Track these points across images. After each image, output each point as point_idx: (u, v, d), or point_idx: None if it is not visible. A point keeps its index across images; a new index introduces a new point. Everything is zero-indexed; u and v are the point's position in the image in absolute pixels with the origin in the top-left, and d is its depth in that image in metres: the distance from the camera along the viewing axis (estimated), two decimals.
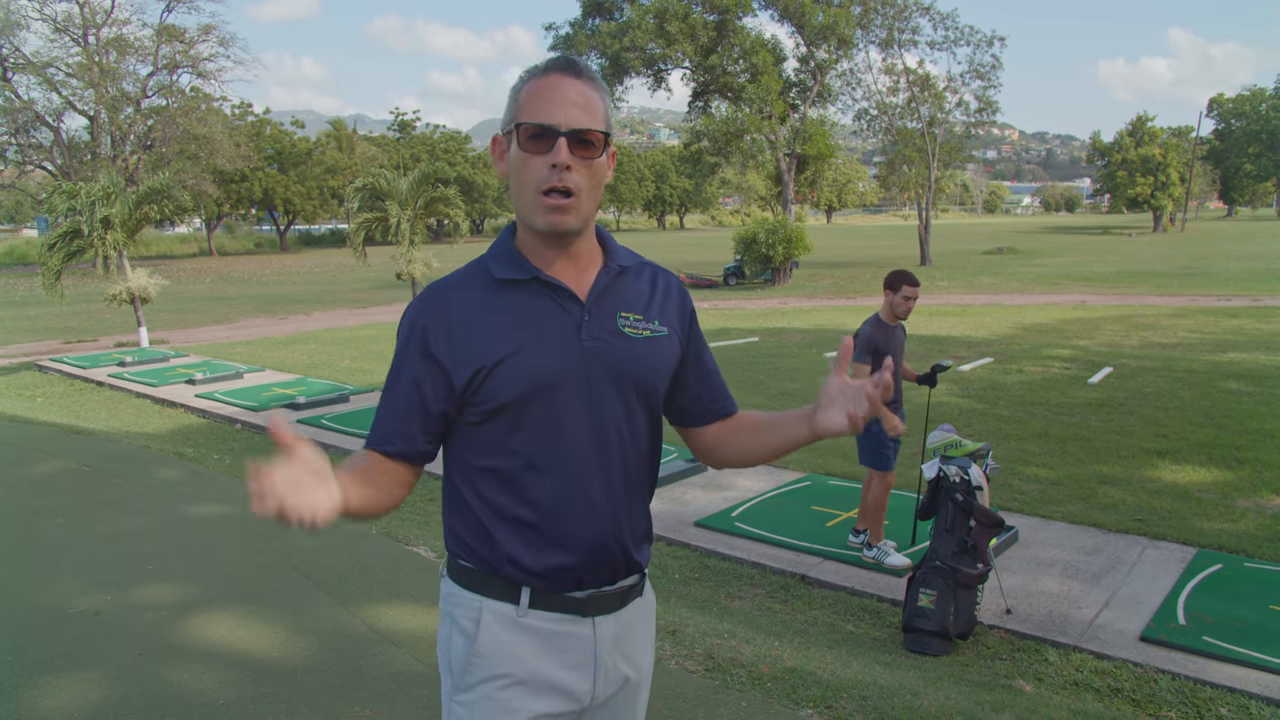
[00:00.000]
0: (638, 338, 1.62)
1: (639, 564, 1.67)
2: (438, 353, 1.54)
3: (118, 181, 15.51)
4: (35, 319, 22.39)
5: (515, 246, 1.60)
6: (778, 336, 16.15)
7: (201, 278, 37.94)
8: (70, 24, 43.66)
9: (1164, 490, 6.80)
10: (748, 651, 3.93)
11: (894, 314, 5.46)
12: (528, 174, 1.51)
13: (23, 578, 4.67)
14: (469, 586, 1.60)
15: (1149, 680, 4.15)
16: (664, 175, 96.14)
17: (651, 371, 1.64)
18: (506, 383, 1.51)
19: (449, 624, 1.62)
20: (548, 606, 1.58)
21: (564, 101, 1.49)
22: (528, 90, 1.52)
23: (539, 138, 1.49)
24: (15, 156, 45.03)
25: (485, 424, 1.55)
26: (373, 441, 1.59)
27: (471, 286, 1.58)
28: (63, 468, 7.10)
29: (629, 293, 1.65)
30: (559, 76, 1.51)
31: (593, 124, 1.50)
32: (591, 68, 1.57)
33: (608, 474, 1.59)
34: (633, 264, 1.68)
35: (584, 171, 1.51)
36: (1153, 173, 62.29)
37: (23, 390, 12.48)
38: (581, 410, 1.56)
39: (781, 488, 7.09)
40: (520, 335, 1.53)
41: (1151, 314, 18.04)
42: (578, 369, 1.55)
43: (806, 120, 33.91)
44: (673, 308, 1.71)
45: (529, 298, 1.56)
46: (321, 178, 60.53)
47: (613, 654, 1.63)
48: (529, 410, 1.53)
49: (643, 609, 1.71)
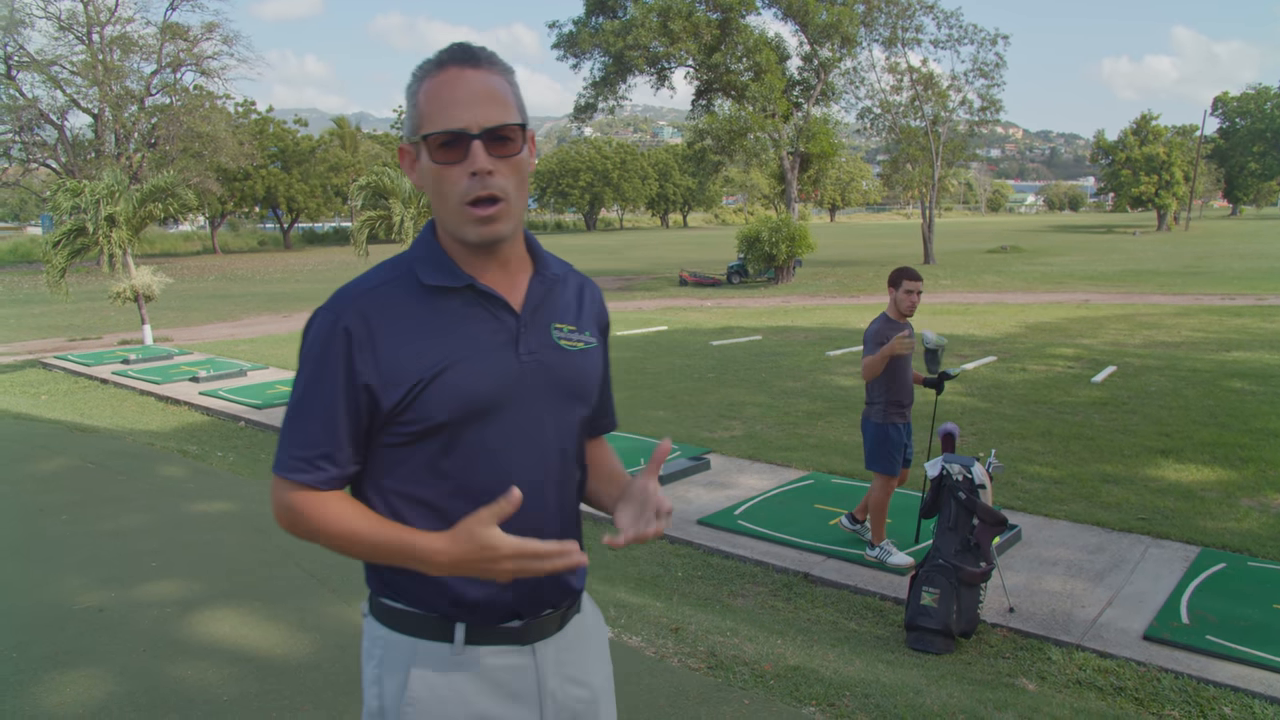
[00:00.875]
0: (573, 350, 1.52)
1: (577, 587, 1.57)
2: (363, 367, 1.38)
3: (122, 179, 15.53)
4: (40, 316, 22.44)
5: (441, 248, 1.46)
6: (781, 335, 16.14)
7: (205, 276, 38.00)
8: (74, 22, 43.72)
9: (1167, 489, 6.80)
10: (750, 649, 3.93)
11: (900, 310, 5.50)
12: (446, 187, 1.37)
13: (27, 574, 4.68)
14: (397, 627, 1.46)
15: (1152, 679, 4.14)
16: (667, 174, 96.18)
17: (588, 385, 1.55)
18: (440, 402, 1.38)
19: (375, 668, 1.48)
20: (484, 640, 1.46)
21: (470, 98, 1.35)
22: (426, 91, 1.37)
23: (451, 145, 1.35)
24: (20, 154, 45.08)
25: (411, 446, 1.41)
26: (299, 470, 1.41)
27: (395, 292, 1.42)
28: (67, 465, 7.12)
29: (560, 303, 1.54)
30: (457, 70, 1.36)
31: (506, 117, 1.36)
32: (490, 50, 1.41)
33: (546, 497, 1.48)
34: (562, 272, 1.56)
35: (507, 171, 1.38)
36: (1157, 171, 62.19)
37: (27, 388, 12.51)
38: (518, 430, 1.44)
39: (784, 486, 7.09)
40: (454, 350, 1.40)
41: (1155, 313, 18.03)
42: (515, 386, 1.43)
43: (810, 119, 33.93)
44: (594, 318, 1.60)
45: (461, 307, 1.42)
46: (325, 176, 60.59)
47: (558, 678, 1.53)
48: (462, 431, 1.40)
49: (582, 625, 1.61)
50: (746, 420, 9.39)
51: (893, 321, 5.49)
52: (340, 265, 42.63)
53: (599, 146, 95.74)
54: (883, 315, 5.55)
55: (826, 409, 9.76)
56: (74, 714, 3.20)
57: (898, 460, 5.52)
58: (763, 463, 7.82)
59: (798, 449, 8.16)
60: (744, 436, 8.70)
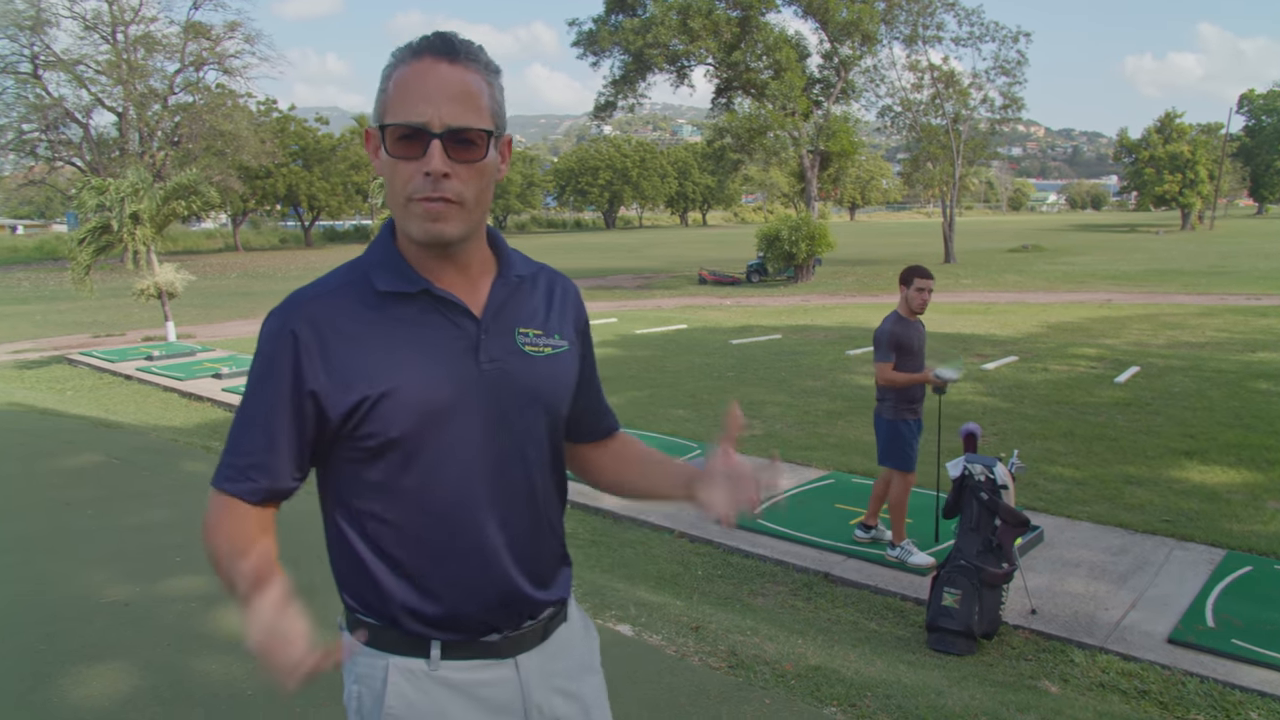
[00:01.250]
0: (539, 356, 1.43)
1: (556, 598, 1.51)
2: (311, 376, 1.32)
3: (146, 177, 15.68)
4: (65, 313, 22.67)
5: (398, 251, 1.38)
6: (801, 334, 16.10)
7: (227, 273, 38.29)
8: (99, 21, 44.17)
9: (1192, 491, 6.74)
10: (771, 649, 3.93)
11: (910, 308, 5.52)
12: (399, 182, 1.29)
13: (55, 568, 4.74)
14: (370, 643, 1.41)
15: (1177, 683, 4.11)
16: (686, 172, 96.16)
17: (556, 393, 1.46)
18: (394, 416, 1.31)
19: (353, 683, 1.43)
20: (461, 655, 1.41)
21: (438, 94, 1.26)
22: (397, 78, 1.28)
23: (409, 140, 1.27)
24: (45, 153, 45.60)
25: (369, 461, 1.35)
26: (228, 479, 1.36)
27: (348, 297, 1.36)
28: (92, 460, 7.19)
29: (527, 305, 1.45)
30: (432, 61, 1.27)
31: (473, 120, 1.27)
32: (474, 45, 1.32)
33: (511, 510, 1.41)
34: (529, 272, 1.47)
35: (466, 176, 1.28)
36: (1181, 170, 61.56)
37: (53, 383, 12.65)
38: (480, 442, 1.37)
39: (804, 485, 7.07)
40: (410, 359, 1.33)
41: (1179, 313, 17.86)
42: (475, 396, 1.36)
43: (830, 117, 33.78)
44: (570, 317, 1.52)
45: (418, 314, 1.35)
46: (346, 174, 60.89)
47: (543, 690, 1.47)
48: (420, 446, 1.34)
49: (570, 633, 1.55)
50: (766, 419, 9.38)
51: (904, 320, 5.49)
52: None
53: (618, 145, 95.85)
54: (894, 313, 5.55)
55: (846, 408, 9.73)
56: (101, 707, 3.23)
57: (913, 456, 5.52)
58: (783, 462, 7.79)
59: (818, 448, 8.13)
60: (764, 435, 8.68)
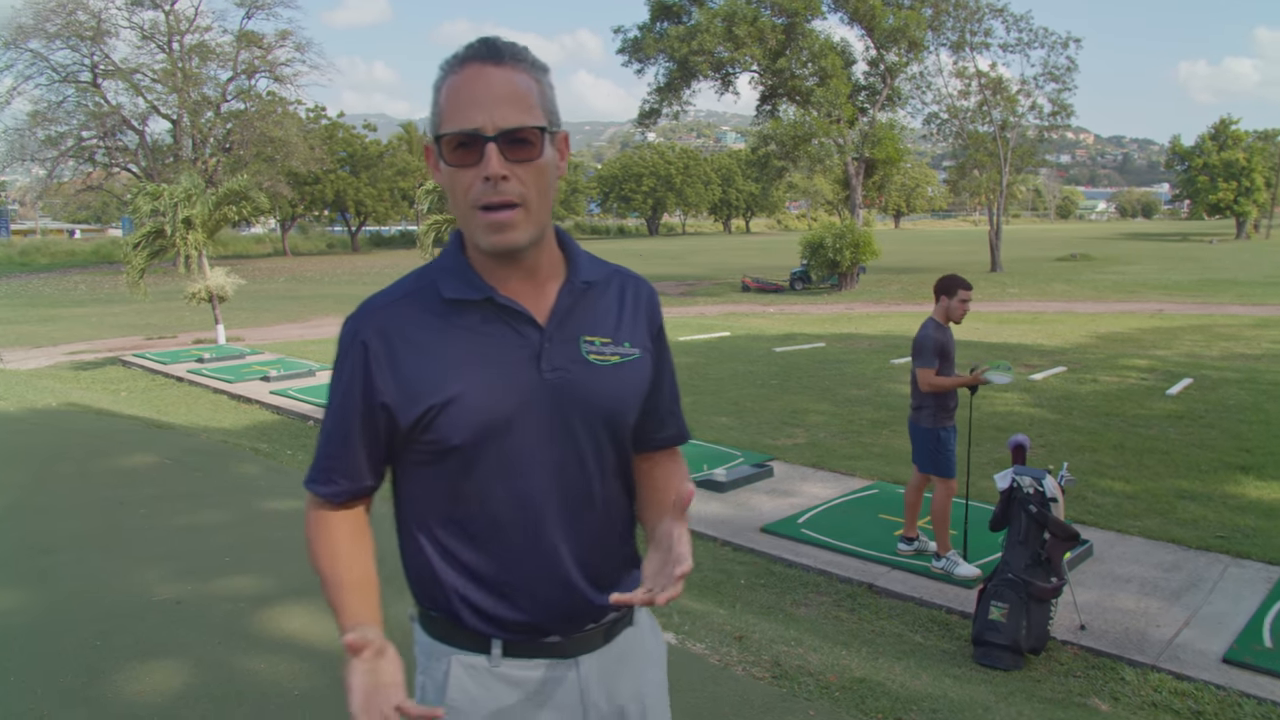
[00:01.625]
0: (604, 365, 1.41)
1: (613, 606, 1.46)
2: (381, 386, 1.36)
3: (198, 183, 15.99)
4: (119, 315, 23.18)
5: (466, 259, 1.39)
6: (845, 342, 15.99)
7: (275, 277, 38.90)
8: (156, 31, 45.17)
9: (1248, 507, 6.58)
10: (815, 660, 3.90)
11: (951, 317, 5.50)
12: (460, 190, 1.30)
13: (109, 566, 4.84)
14: (438, 637, 1.45)
15: (1232, 704, 4.01)
16: (730, 179, 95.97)
17: (620, 403, 1.44)
18: (455, 425, 1.33)
19: (421, 675, 1.48)
20: (523, 654, 1.43)
21: (488, 98, 1.26)
22: (447, 89, 1.30)
23: (465, 147, 1.27)
24: (103, 159, 46.67)
25: (434, 466, 1.38)
26: (315, 480, 1.43)
27: (415, 305, 1.38)
28: (145, 461, 7.34)
29: (595, 311, 1.44)
30: (478, 67, 1.28)
31: (525, 119, 1.28)
32: (518, 46, 1.33)
33: (571, 516, 1.42)
34: (599, 276, 1.46)
35: (525, 176, 1.29)
36: (1236, 177, 60.32)
37: (108, 384, 12.94)
38: (542, 451, 1.38)
39: (849, 495, 7.02)
40: (472, 369, 1.34)
41: (1234, 324, 17.47)
42: (537, 405, 1.36)
43: (875, 124, 33.60)
44: (643, 322, 1.49)
45: (481, 322, 1.36)
46: (392, 180, 61.62)
47: (603, 691, 1.48)
48: (481, 452, 1.36)
49: (636, 637, 1.54)
50: (810, 428, 9.32)
51: (943, 327, 5.48)
52: (406, 268, 42.66)
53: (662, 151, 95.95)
54: (932, 321, 5.51)
55: (891, 418, 9.64)
56: (154, 703, 3.30)
57: (954, 462, 5.49)
58: (826, 471, 7.75)
59: (862, 458, 8.07)
60: (807, 444, 8.63)
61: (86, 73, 44.02)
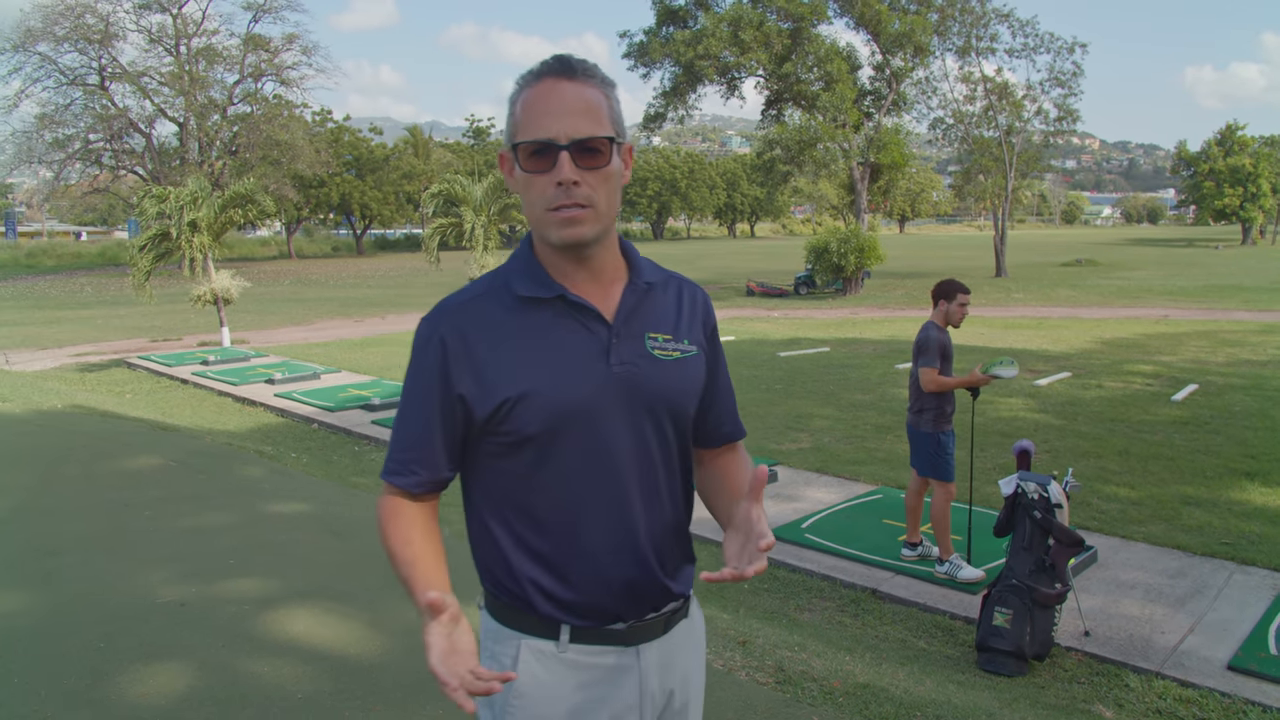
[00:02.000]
0: (668, 360, 1.52)
1: (678, 593, 1.59)
2: (459, 378, 1.44)
3: (204, 186, 16.02)
4: (125, 318, 23.24)
5: (537, 260, 1.50)
6: (849, 347, 15.98)
7: (280, 280, 38.97)
8: (164, 34, 45.33)
9: (1253, 513, 6.56)
10: (819, 665, 3.90)
11: (950, 321, 5.57)
12: (534, 195, 1.41)
13: (113, 568, 4.85)
14: (507, 623, 1.52)
15: (1238, 712, 4.00)
16: (735, 183, 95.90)
17: (683, 395, 1.55)
18: (531, 416, 1.42)
19: (488, 660, 1.54)
20: (589, 640, 1.50)
21: (562, 110, 1.38)
22: (523, 101, 1.41)
23: (540, 154, 1.39)
24: (110, 162, 46.83)
25: (508, 456, 1.47)
26: (394, 472, 1.50)
27: (490, 303, 1.48)
28: (149, 463, 7.35)
29: (657, 311, 1.55)
30: (553, 81, 1.40)
31: (596, 130, 1.39)
32: (589, 63, 1.44)
33: (638, 506, 1.50)
34: (659, 279, 1.58)
35: (594, 181, 1.40)
36: (1242, 183, 60.13)
37: (113, 386, 12.97)
38: (611, 440, 1.47)
39: (852, 500, 7.01)
40: (546, 362, 1.43)
41: (1239, 330, 17.42)
42: (607, 397, 1.45)
43: (881, 129, 33.59)
44: (698, 323, 1.61)
45: (554, 318, 1.46)
46: (398, 183, 61.69)
47: (658, 680, 1.56)
48: (556, 443, 1.44)
49: (689, 630, 1.64)
50: (814, 432, 9.31)
51: (943, 330, 5.54)
52: (411, 271, 43.37)
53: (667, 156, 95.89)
54: (932, 324, 5.56)
55: (895, 422, 9.63)
56: (158, 705, 3.30)
57: (954, 467, 5.55)
58: (830, 476, 7.75)
59: (866, 463, 8.06)
60: (811, 449, 8.63)
61: (94, 75, 44.19)
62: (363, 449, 9.11)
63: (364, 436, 9.54)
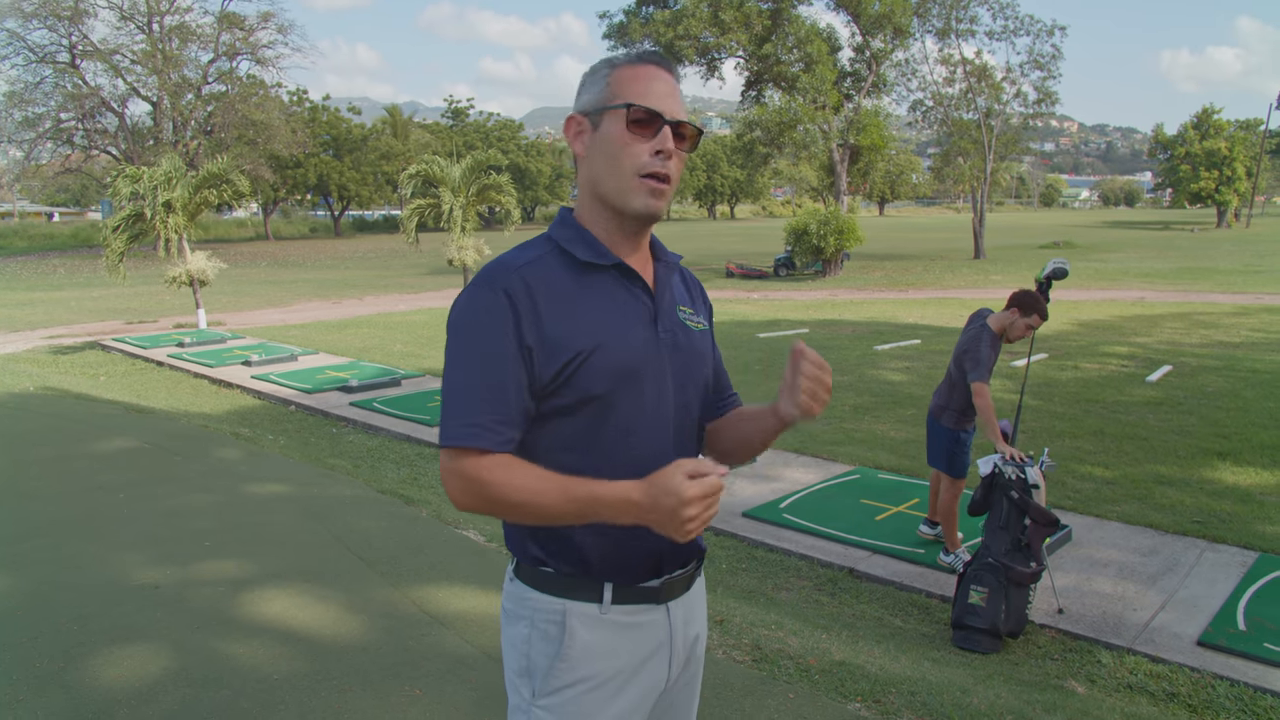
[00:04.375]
0: (696, 330, 1.66)
1: (696, 552, 1.70)
2: (528, 332, 1.45)
3: (179, 166, 15.83)
4: (99, 300, 22.97)
5: (587, 230, 1.57)
6: (828, 328, 16.03)
7: (257, 261, 38.63)
8: (136, 12, 44.66)
9: (1224, 492, 6.64)
10: (795, 643, 3.92)
11: (1008, 336, 5.25)
12: (629, 157, 1.49)
13: (87, 551, 4.81)
14: (548, 590, 1.55)
15: (1206, 686, 4.06)
16: (715, 165, 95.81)
17: (708, 363, 1.69)
18: (597, 374, 1.48)
19: (527, 628, 1.56)
20: (628, 600, 1.57)
21: (665, 93, 1.51)
22: (623, 75, 1.52)
23: (645, 122, 1.49)
24: (82, 141, 46.19)
25: (565, 417, 1.50)
26: (470, 436, 1.43)
27: (552, 266, 1.52)
28: (124, 445, 7.28)
29: (679, 288, 1.69)
30: (656, 69, 1.53)
31: (688, 118, 1.54)
32: (674, 64, 1.60)
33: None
34: (675, 260, 1.70)
35: (677, 162, 1.53)
36: (1218, 166, 60.53)
37: (87, 369, 12.82)
38: (660, 402, 1.56)
39: (830, 480, 7.04)
40: (610, 323, 1.51)
41: (1214, 312, 17.59)
42: (658, 361, 1.55)
43: (860, 111, 33.60)
44: (702, 303, 1.76)
45: (611, 284, 1.54)
46: (376, 164, 61.24)
47: (683, 633, 1.67)
48: (615, 402, 1.50)
49: (700, 585, 1.76)
50: None
51: (997, 342, 5.23)
52: (390, 252, 43.11)
53: None
54: (991, 333, 5.21)
55: (874, 403, 9.68)
56: (131, 687, 3.28)
57: (968, 464, 5.46)
58: (809, 456, 7.78)
59: (844, 443, 8.10)
60: (789, 431, 8.64)
61: (64, 53, 43.54)
62: (340, 431, 9.06)
63: (342, 418, 9.49)
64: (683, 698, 1.74)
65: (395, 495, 6.12)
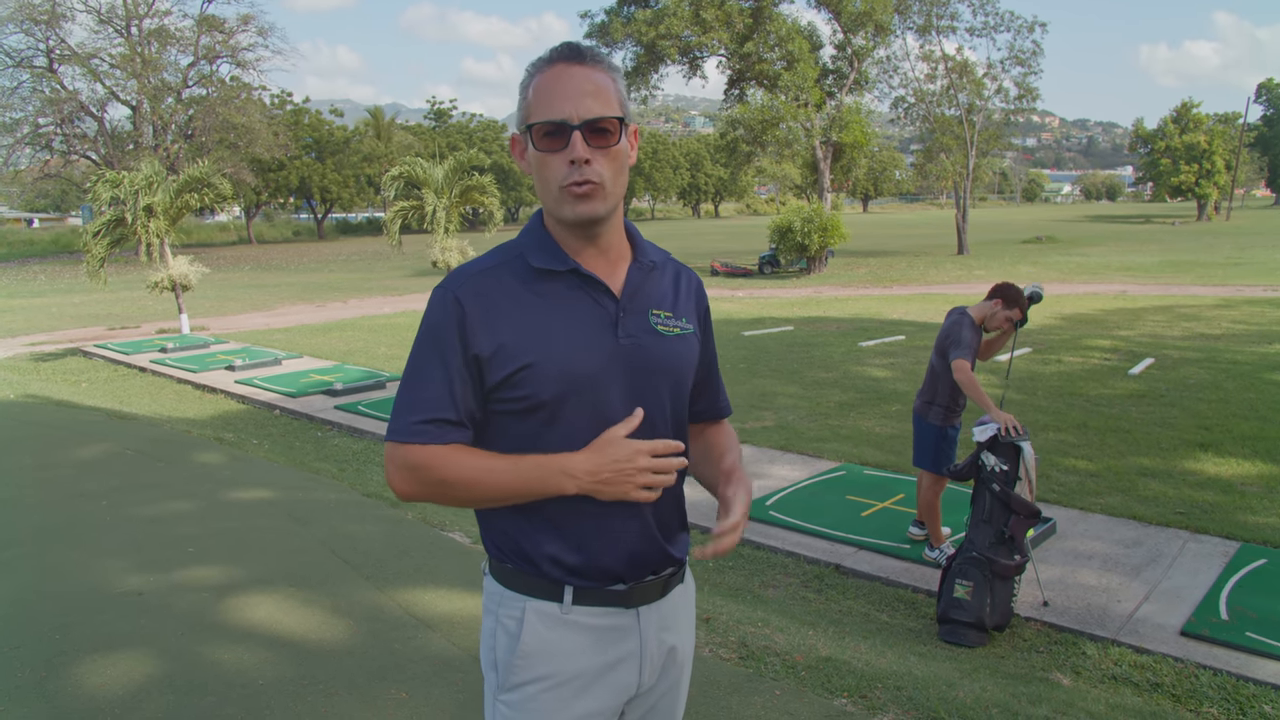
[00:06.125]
0: (670, 335, 1.61)
1: (677, 557, 1.67)
2: (474, 341, 1.48)
3: (160, 170, 15.72)
4: (80, 305, 22.80)
5: (549, 235, 1.56)
6: (813, 326, 16.06)
7: (240, 265, 38.42)
8: (114, 15, 44.36)
9: (1207, 483, 6.69)
10: (781, 640, 3.93)
11: (986, 322, 5.29)
12: (548, 173, 1.48)
13: (69, 558, 4.77)
14: (511, 586, 1.58)
15: (1190, 675, 4.09)
16: (699, 163, 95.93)
17: (683, 369, 1.64)
18: (543, 381, 1.48)
19: (493, 622, 1.60)
20: (591, 602, 1.56)
21: (574, 92, 1.46)
22: (536, 85, 1.49)
23: (553, 135, 1.46)
24: (61, 146, 45.83)
25: (520, 420, 1.52)
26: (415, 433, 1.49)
27: (506, 273, 1.53)
28: (107, 451, 7.23)
29: (658, 290, 1.63)
30: (565, 66, 1.48)
31: (605, 110, 1.47)
32: (598, 49, 1.54)
33: None
34: (660, 260, 1.66)
35: (604, 160, 1.48)
36: (1197, 160, 61.00)
37: (68, 375, 12.73)
38: (616, 409, 1.53)
39: (816, 477, 7.06)
40: (559, 331, 1.50)
41: (1195, 304, 17.72)
42: (615, 368, 1.53)
43: (843, 108, 33.66)
44: (692, 305, 1.70)
45: (566, 290, 1.52)
46: (358, 166, 61.01)
47: (656, 641, 1.64)
48: (563, 407, 1.50)
49: (684, 594, 1.72)
50: (778, 410, 9.36)
51: (978, 329, 5.26)
52: (373, 255, 42.95)
53: None
54: (969, 317, 5.26)
55: (859, 400, 9.71)
56: (115, 695, 3.26)
57: (954, 459, 5.44)
58: (794, 453, 7.79)
59: (830, 440, 8.12)
60: (775, 427, 8.67)
61: (42, 58, 43.20)
62: (325, 434, 9.03)
63: (326, 422, 9.45)
64: (664, 704, 1.72)
65: (381, 498, 6.11)
